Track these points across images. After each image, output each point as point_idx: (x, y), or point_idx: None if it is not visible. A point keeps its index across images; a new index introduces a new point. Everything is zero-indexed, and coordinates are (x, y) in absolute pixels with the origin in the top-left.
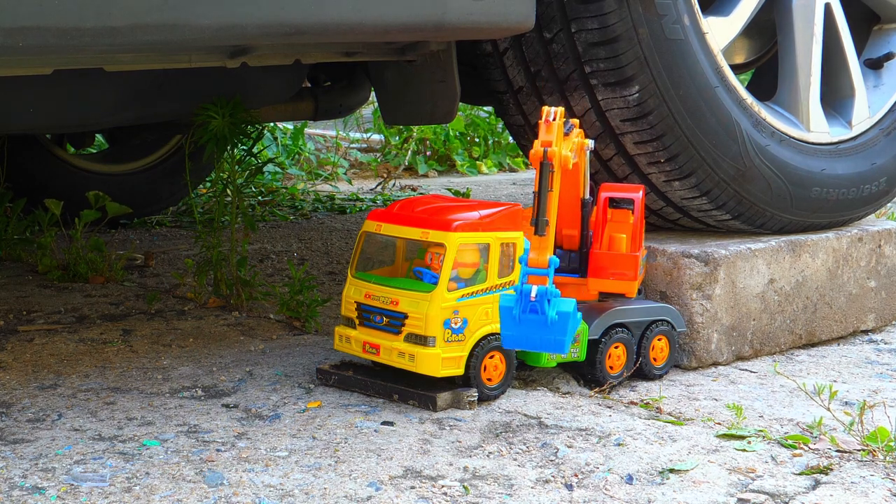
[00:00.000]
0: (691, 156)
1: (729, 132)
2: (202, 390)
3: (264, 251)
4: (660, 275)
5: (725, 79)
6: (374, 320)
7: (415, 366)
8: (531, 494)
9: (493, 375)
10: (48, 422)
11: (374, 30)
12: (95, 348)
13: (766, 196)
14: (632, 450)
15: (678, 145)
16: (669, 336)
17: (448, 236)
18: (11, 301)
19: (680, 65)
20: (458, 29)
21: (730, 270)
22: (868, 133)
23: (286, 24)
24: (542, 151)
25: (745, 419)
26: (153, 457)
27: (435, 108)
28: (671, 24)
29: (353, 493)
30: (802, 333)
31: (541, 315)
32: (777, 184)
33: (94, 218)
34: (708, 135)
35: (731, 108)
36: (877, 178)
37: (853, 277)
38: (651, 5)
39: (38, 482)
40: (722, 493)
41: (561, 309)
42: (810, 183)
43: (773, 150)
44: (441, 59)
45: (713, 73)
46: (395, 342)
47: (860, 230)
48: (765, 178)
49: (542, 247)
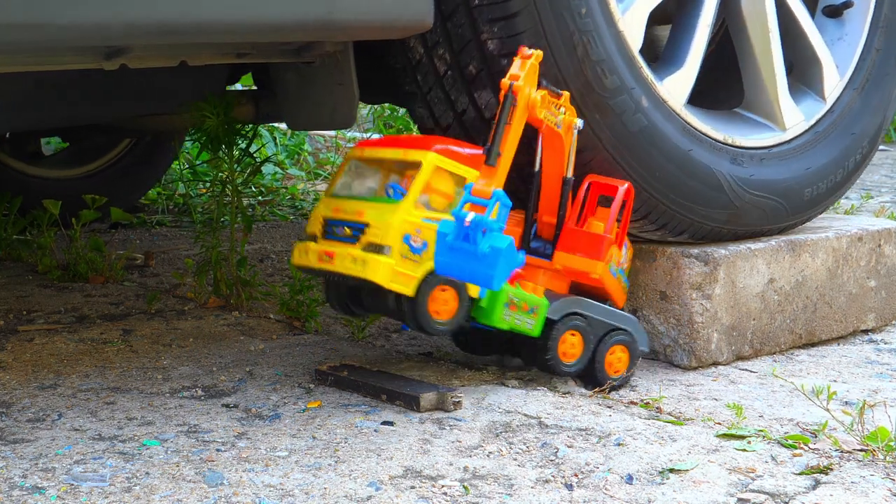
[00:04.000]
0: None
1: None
2: (202, 390)
3: (264, 251)
4: (659, 275)
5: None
6: (336, 232)
7: (365, 272)
8: (531, 494)
9: (442, 310)
10: (48, 422)
11: (256, 29)
12: (95, 348)
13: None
14: (632, 450)
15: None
16: (631, 349)
17: (425, 155)
18: (11, 301)
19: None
20: (348, 28)
21: (729, 270)
22: (842, 99)
23: (158, 23)
24: (508, 84)
25: (745, 419)
26: (153, 457)
27: (335, 112)
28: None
29: (353, 493)
30: (802, 333)
31: (472, 245)
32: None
33: (93, 218)
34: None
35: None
36: (860, 147)
37: (853, 277)
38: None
39: (38, 482)
40: (722, 493)
41: (494, 243)
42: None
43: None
44: (339, 60)
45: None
46: (351, 249)
47: (860, 229)
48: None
49: (490, 177)
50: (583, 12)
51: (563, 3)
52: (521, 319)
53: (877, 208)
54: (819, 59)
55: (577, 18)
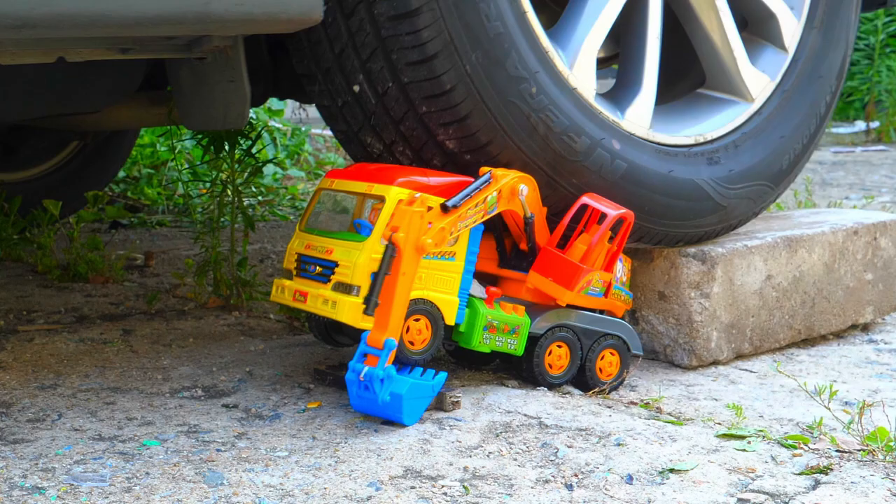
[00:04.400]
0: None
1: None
2: (202, 390)
3: (264, 251)
4: (658, 275)
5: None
6: (309, 270)
7: (336, 313)
8: (531, 494)
9: (416, 339)
10: (48, 422)
11: (122, 22)
12: (95, 348)
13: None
14: (632, 450)
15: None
16: (622, 353)
17: (388, 189)
18: (11, 301)
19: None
20: (228, 22)
21: (727, 268)
22: (804, 43)
23: (7, 15)
24: (389, 234)
25: (745, 419)
26: (153, 457)
27: (227, 111)
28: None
29: (353, 493)
30: (801, 328)
31: (373, 394)
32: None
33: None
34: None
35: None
36: (829, 86)
37: (850, 271)
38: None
39: (38, 482)
40: (722, 493)
41: (394, 390)
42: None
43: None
44: (230, 57)
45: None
46: (322, 290)
47: (855, 223)
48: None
49: (381, 327)
50: (533, 92)
51: (510, 91)
52: (503, 341)
53: (877, 208)
54: (773, 12)
55: (529, 100)
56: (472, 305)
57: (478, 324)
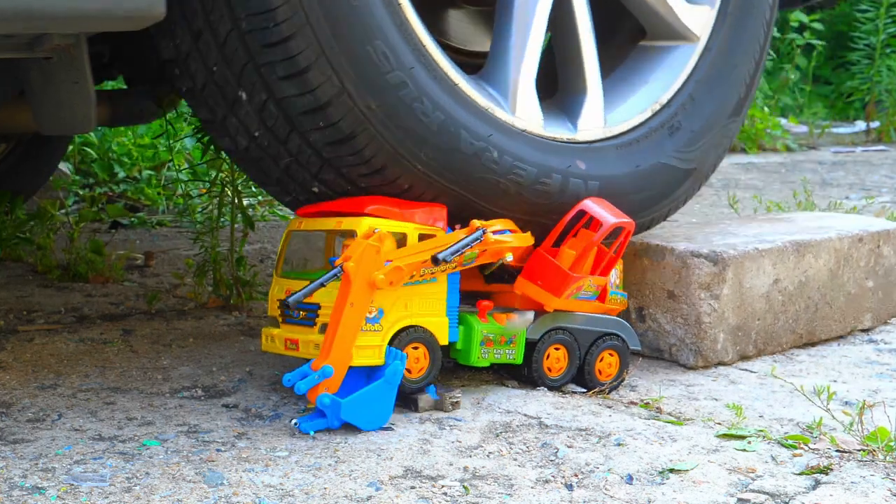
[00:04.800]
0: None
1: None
2: (202, 390)
3: (264, 251)
4: (668, 274)
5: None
6: (294, 315)
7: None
8: (531, 494)
9: (414, 368)
10: (48, 422)
11: None
12: (95, 348)
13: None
14: (632, 450)
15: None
16: (621, 353)
17: (359, 222)
18: (11, 301)
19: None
20: (58, 18)
21: (737, 270)
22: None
23: None
24: (341, 262)
25: (745, 419)
26: (153, 457)
27: (74, 114)
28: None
29: (353, 493)
30: (803, 333)
31: (332, 417)
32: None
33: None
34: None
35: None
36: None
37: (853, 277)
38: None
39: (38, 482)
40: (722, 493)
41: (343, 417)
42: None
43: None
44: (73, 56)
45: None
46: (311, 335)
47: (861, 230)
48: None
49: (324, 355)
50: (495, 157)
51: (477, 167)
52: (501, 352)
53: (877, 209)
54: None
55: (493, 167)
56: (467, 322)
57: (474, 339)
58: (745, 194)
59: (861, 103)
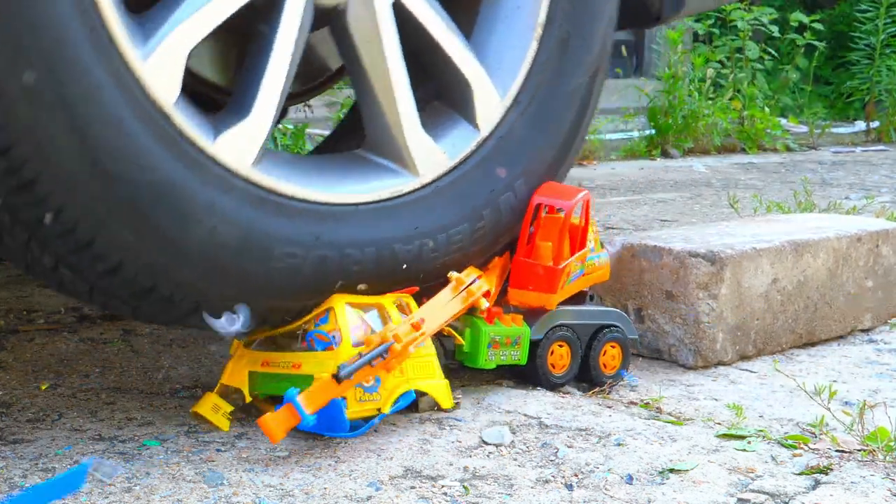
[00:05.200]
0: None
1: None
2: (202, 390)
3: None
4: (666, 274)
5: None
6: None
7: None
8: (531, 494)
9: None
10: (48, 422)
11: None
12: (95, 348)
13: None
14: (632, 450)
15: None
16: (623, 343)
17: (332, 300)
18: (11, 301)
19: None
20: None
21: (735, 270)
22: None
23: None
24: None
25: (745, 419)
26: (153, 457)
27: None
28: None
29: (353, 493)
30: (803, 333)
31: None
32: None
33: None
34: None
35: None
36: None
37: (852, 277)
38: None
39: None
40: (722, 493)
41: (331, 430)
42: None
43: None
44: None
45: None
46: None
47: (859, 230)
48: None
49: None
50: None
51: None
52: (507, 354)
53: (877, 209)
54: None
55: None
56: (474, 325)
57: (482, 342)
58: (745, 194)
59: (861, 103)
